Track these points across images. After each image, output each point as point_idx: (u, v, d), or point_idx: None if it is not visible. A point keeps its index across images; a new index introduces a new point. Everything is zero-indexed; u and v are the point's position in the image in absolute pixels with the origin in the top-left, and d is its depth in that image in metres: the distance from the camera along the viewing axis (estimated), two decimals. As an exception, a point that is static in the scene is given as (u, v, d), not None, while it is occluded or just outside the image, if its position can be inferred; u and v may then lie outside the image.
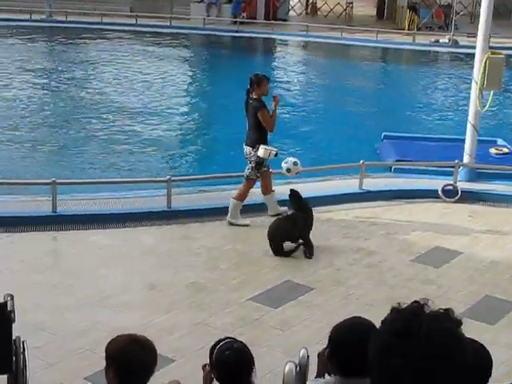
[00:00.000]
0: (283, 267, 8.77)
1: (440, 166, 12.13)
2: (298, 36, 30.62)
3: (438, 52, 29.59)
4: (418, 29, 31.63)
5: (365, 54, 28.76)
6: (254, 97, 9.97)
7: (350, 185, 11.58)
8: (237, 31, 30.29)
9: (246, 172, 10.15)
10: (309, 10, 37.60)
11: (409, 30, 31.62)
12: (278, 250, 9.11)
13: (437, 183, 11.47)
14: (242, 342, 3.95)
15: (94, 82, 21.61)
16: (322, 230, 9.90)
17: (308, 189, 11.32)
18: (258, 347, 6.84)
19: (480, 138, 12.34)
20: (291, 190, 9.49)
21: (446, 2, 36.02)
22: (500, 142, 14.30)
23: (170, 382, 4.44)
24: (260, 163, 10.05)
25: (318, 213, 10.49)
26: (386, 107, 19.77)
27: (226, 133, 16.05)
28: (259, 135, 10.01)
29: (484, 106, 11.81)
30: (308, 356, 4.07)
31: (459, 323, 1.75)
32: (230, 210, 10.11)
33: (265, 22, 32.11)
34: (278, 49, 30.11)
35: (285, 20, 33.54)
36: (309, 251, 9.16)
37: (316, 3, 37.76)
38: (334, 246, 9.49)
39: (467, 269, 9.00)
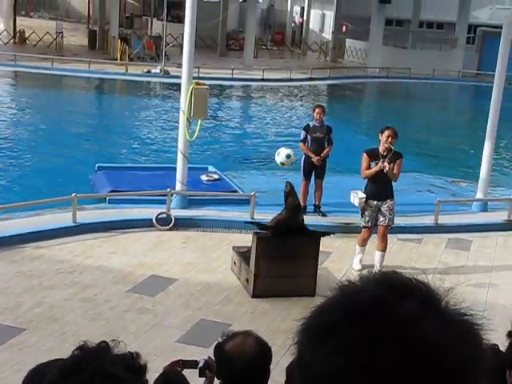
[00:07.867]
0: (-7, 310, 8.30)
1: (153, 195, 12.24)
2: (6, 66, 29.55)
3: (150, 82, 30.16)
4: (131, 59, 31.98)
5: (77, 84, 28.49)
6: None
7: (63, 219, 11.27)
8: None
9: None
10: (16, 39, 36.59)
11: (121, 60, 31.87)
12: None
13: (151, 212, 11.57)
14: None
15: None
16: (33, 267, 9.53)
17: (18, 224, 10.89)
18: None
19: (191, 165, 12.69)
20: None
21: (156, 34, 36.88)
22: (210, 168, 14.82)
23: None
24: (362, 211, 9.66)
25: (30, 249, 10.12)
26: (99, 138, 19.68)
27: None
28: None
29: (192, 135, 12.16)
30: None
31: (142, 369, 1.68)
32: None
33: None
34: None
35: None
36: None
37: (24, 32, 36.86)
38: (48, 283, 9.16)
39: (182, 295, 9.15)
